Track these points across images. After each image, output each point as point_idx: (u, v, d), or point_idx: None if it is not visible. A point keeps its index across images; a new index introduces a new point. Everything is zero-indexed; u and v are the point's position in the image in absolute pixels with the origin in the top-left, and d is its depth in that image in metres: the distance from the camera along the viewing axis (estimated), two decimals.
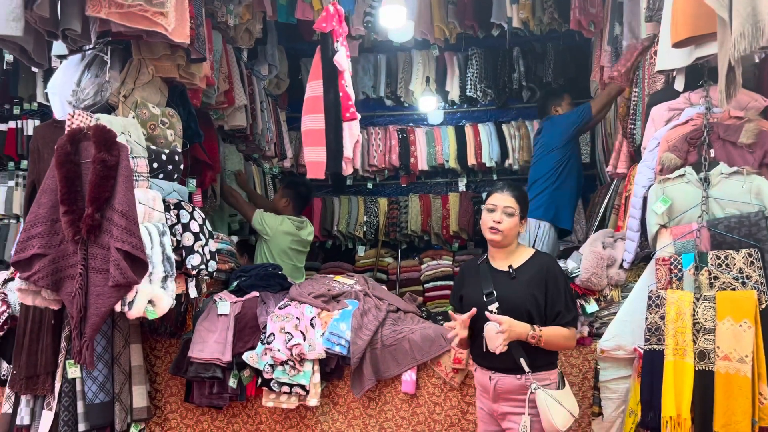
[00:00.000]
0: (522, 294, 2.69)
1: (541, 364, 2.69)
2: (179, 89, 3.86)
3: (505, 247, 2.81)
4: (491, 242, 2.81)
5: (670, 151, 3.16)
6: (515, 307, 2.68)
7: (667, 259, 3.05)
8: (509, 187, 2.82)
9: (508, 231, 2.75)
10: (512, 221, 2.76)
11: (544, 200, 4.51)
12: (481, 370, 2.78)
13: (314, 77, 3.78)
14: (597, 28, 5.00)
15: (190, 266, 3.34)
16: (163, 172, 3.51)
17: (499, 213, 2.76)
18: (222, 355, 3.46)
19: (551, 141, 4.61)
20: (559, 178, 4.53)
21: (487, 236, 2.80)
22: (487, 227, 2.79)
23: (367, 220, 6.21)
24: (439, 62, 6.14)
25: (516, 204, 2.78)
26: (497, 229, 2.75)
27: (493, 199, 2.80)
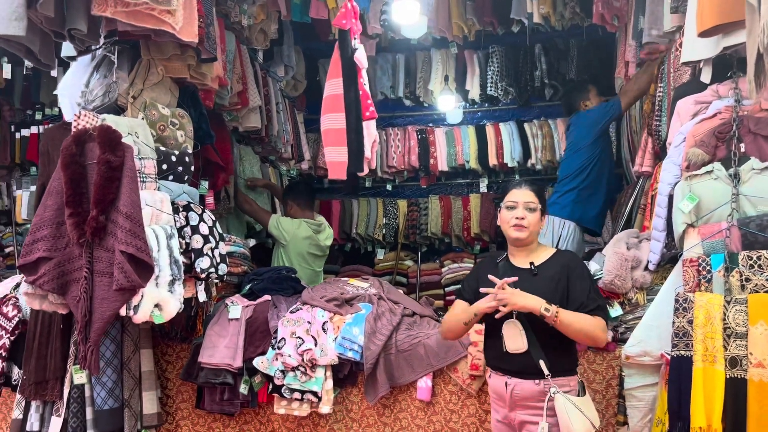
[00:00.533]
0: (544, 290, 2.57)
1: (560, 368, 2.57)
2: (190, 90, 3.80)
3: (528, 245, 2.70)
4: (515, 241, 2.71)
5: (697, 147, 3.01)
6: None
7: (695, 260, 2.90)
8: (527, 183, 2.73)
9: (533, 227, 2.67)
10: (535, 217, 2.67)
11: (570, 199, 4.35)
12: (496, 375, 2.65)
13: (333, 75, 3.67)
14: (621, 23, 4.83)
15: (199, 269, 3.27)
16: (173, 173, 3.45)
17: (521, 209, 2.67)
18: (232, 360, 3.38)
19: (579, 138, 4.44)
20: (588, 177, 4.35)
21: (511, 234, 2.70)
22: (509, 225, 2.69)
23: (387, 223, 6.10)
24: (458, 60, 6.01)
25: (536, 198, 2.69)
26: (522, 225, 2.65)
27: (513, 196, 2.70)
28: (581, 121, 4.49)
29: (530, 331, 2.54)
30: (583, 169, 4.36)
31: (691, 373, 2.74)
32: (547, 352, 2.52)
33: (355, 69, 3.74)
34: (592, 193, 4.37)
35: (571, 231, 4.28)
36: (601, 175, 4.42)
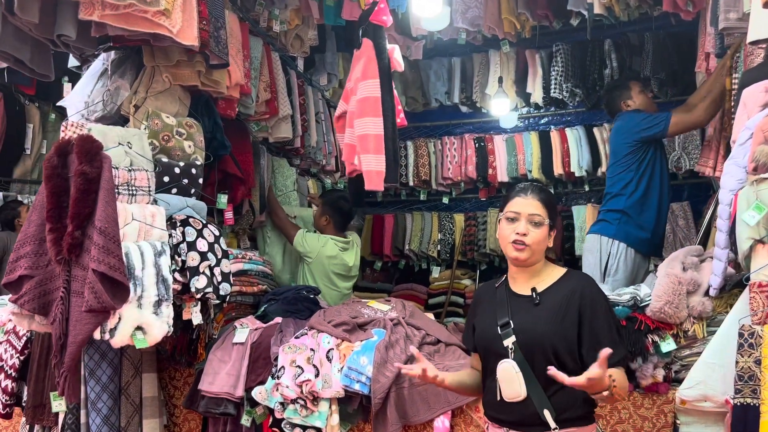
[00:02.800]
0: (546, 325, 2.09)
1: (572, 417, 2.07)
2: (204, 98, 3.60)
3: (531, 266, 2.20)
4: (515, 261, 2.20)
5: (767, 144, 2.44)
6: (537, 342, 2.08)
7: (764, 284, 2.37)
8: (533, 190, 2.20)
9: (536, 245, 2.14)
10: (540, 233, 2.15)
11: (615, 218, 3.76)
12: (493, 427, 2.19)
13: (369, 75, 3.35)
14: (696, 8, 4.20)
15: (194, 289, 3.02)
16: (177, 186, 3.24)
17: (523, 223, 2.15)
18: (234, 389, 3.10)
19: (618, 147, 3.84)
20: (634, 194, 3.72)
21: (510, 254, 2.19)
22: (508, 242, 2.17)
23: (442, 238, 5.68)
24: (519, 61, 5.52)
25: (543, 210, 2.17)
26: (523, 243, 2.14)
27: (514, 206, 2.19)
28: (619, 126, 3.89)
29: (530, 374, 2.07)
30: (627, 183, 3.74)
31: (759, 426, 2.22)
32: (554, 398, 2.04)
33: (389, 71, 3.43)
34: (639, 212, 3.72)
35: (622, 250, 3.67)
36: (650, 190, 3.74)
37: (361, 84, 3.40)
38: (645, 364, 2.66)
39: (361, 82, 3.38)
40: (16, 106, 5.83)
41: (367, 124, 3.24)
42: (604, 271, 3.71)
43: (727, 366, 2.53)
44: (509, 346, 2.11)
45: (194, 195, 3.35)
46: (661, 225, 3.84)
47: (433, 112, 5.92)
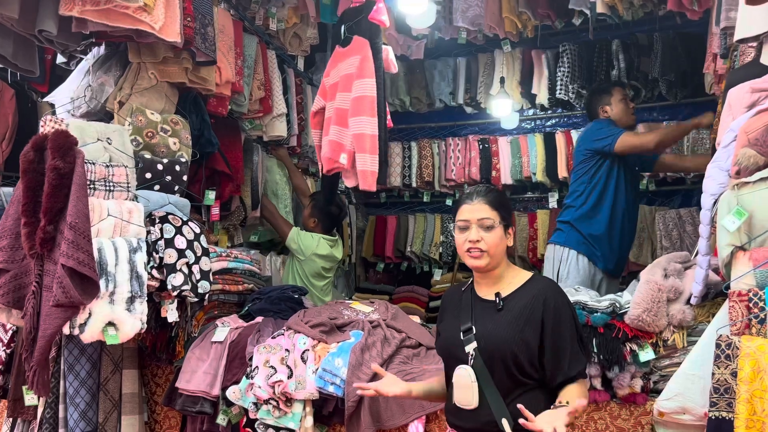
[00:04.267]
0: (507, 331, 2.02)
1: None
2: (192, 95, 3.60)
3: (492, 271, 2.14)
4: (475, 269, 2.15)
5: (750, 147, 2.33)
6: (497, 349, 2.02)
7: (744, 293, 2.26)
8: (479, 194, 2.14)
9: (492, 249, 2.08)
10: (494, 235, 2.08)
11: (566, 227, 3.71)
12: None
13: (366, 74, 3.31)
14: (702, 7, 4.07)
15: (170, 287, 3.01)
16: (160, 182, 3.24)
17: (474, 229, 2.08)
18: (210, 387, 3.08)
19: (576, 155, 3.78)
20: (584, 204, 3.66)
21: (468, 263, 2.13)
22: (463, 251, 2.12)
23: (444, 241, 5.59)
24: (524, 62, 5.41)
25: (493, 211, 2.10)
26: (478, 250, 2.08)
27: (462, 214, 2.13)
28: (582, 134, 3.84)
29: (489, 381, 2.00)
30: (579, 195, 3.66)
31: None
32: (513, 407, 1.94)
33: (383, 71, 3.39)
34: (587, 225, 3.62)
35: (573, 256, 3.59)
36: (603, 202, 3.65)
37: (356, 82, 3.35)
38: (622, 374, 2.56)
39: (358, 80, 3.34)
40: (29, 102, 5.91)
41: (363, 124, 3.20)
42: (556, 278, 3.66)
43: (707, 378, 2.40)
44: (470, 352, 2.05)
45: (178, 192, 3.34)
46: (614, 240, 3.72)
47: (437, 112, 5.83)
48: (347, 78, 3.27)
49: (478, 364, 2.03)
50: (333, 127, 3.30)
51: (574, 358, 2.01)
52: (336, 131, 3.29)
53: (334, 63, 3.50)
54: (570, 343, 2.02)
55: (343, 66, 3.34)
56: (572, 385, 2.00)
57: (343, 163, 3.25)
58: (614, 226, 3.68)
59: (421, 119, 5.94)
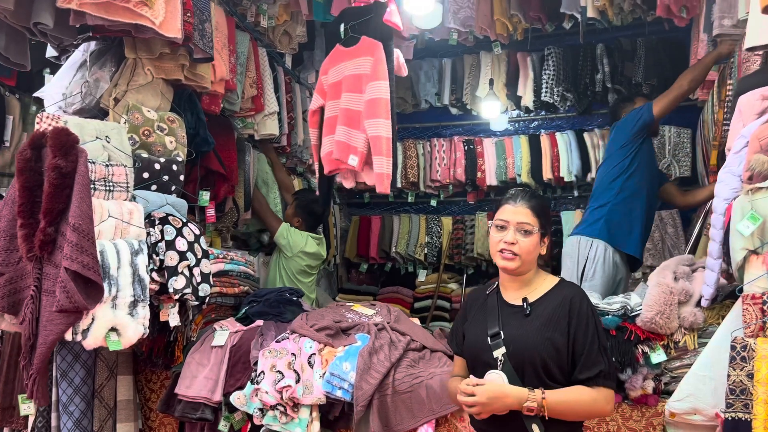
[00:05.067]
0: (536, 337, 2.03)
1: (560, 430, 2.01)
2: (187, 92, 3.50)
3: (521, 275, 2.14)
4: (503, 270, 2.16)
5: (763, 153, 2.38)
6: (527, 355, 2.03)
7: (758, 296, 2.31)
8: (523, 197, 2.14)
9: (525, 254, 2.09)
10: (530, 241, 2.09)
11: (598, 216, 3.72)
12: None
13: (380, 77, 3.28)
14: (690, 14, 4.16)
15: (172, 290, 2.91)
16: (157, 182, 3.14)
17: (511, 231, 2.09)
18: (211, 393, 3.00)
19: (609, 147, 3.84)
20: (620, 192, 3.69)
21: (499, 263, 2.14)
22: (496, 251, 2.12)
23: (429, 241, 5.59)
24: (510, 64, 5.45)
25: (534, 218, 2.10)
26: (511, 252, 2.08)
27: (503, 213, 2.13)
28: (613, 131, 3.89)
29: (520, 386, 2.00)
30: (613, 181, 3.71)
31: None
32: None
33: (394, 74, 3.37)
34: (627, 211, 3.68)
35: (601, 252, 3.61)
36: (639, 190, 3.71)
37: (371, 84, 3.32)
38: (634, 376, 2.59)
39: (373, 82, 3.31)
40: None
41: (379, 126, 3.17)
42: (581, 276, 3.68)
43: (718, 379, 2.48)
44: (499, 357, 2.05)
45: (175, 192, 3.25)
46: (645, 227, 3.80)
47: (422, 113, 5.83)
48: (356, 79, 3.22)
49: (507, 369, 2.03)
50: (341, 127, 3.25)
51: (587, 363, 2.01)
52: (344, 132, 3.24)
53: (335, 61, 3.45)
54: (587, 349, 2.02)
55: (348, 66, 3.30)
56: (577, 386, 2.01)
57: (353, 164, 3.21)
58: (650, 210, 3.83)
59: (407, 119, 5.92)
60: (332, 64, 3.46)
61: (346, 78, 3.29)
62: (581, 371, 2.01)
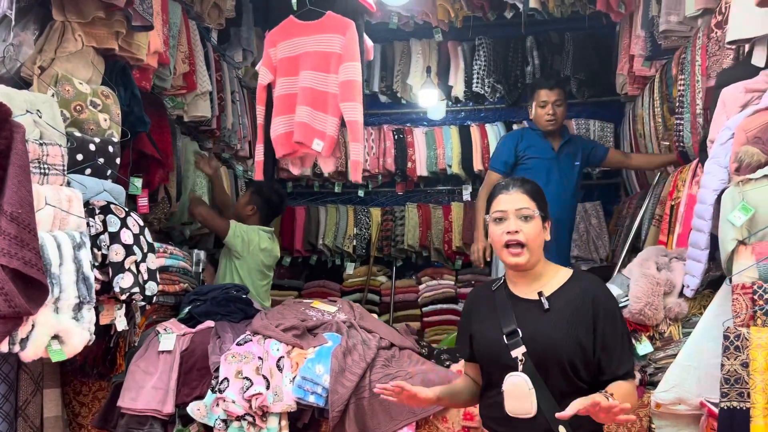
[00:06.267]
0: (560, 334, 1.90)
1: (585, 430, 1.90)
2: (120, 65, 3.08)
3: (532, 268, 2.00)
4: (515, 267, 2.00)
5: (751, 144, 2.41)
6: (551, 353, 1.90)
7: (748, 286, 2.31)
8: (516, 184, 2.02)
9: (531, 241, 1.95)
10: (533, 227, 1.96)
11: None
12: None
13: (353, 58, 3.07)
14: (628, 10, 4.25)
15: (118, 289, 2.54)
16: (92, 166, 2.72)
17: (512, 220, 1.95)
18: (161, 405, 2.68)
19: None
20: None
21: (506, 260, 1.98)
22: (500, 246, 1.97)
23: (358, 233, 5.40)
24: (441, 53, 5.37)
25: (531, 201, 1.98)
26: (519, 242, 1.94)
27: (499, 204, 1.99)
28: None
29: (543, 387, 1.88)
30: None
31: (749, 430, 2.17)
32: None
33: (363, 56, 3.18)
34: None
35: None
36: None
37: (346, 65, 3.09)
38: None
39: (347, 63, 3.08)
40: None
41: (356, 111, 3.00)
42: None
43: (702, 368, 2.50)
44: (518, 357, 1.91)
45: (110, 177, 2.84)
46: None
47: None
48: (322, 57, 2.97)
49: (528, 370, 1.90)
50: (303, 108, 2.98)
51: (622, 358, 1.94)
52: (308, 113, 2.98)
53: (288, 35, 3.15)
54: (620, 342, 1.95)
55: (308, 41, 3.03)
56: (621, 381, 1.93)
57: (317, 149, 2.95)
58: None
59: None
60: (284, 37, 3.17)
61: (307, 54, 3.03)
62: (618, 367, 1.90)
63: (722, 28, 2.86)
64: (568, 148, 4.02)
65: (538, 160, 3.98)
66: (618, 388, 1.86)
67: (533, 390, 1.87)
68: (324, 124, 2.98)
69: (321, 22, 3.03)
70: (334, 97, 2.97)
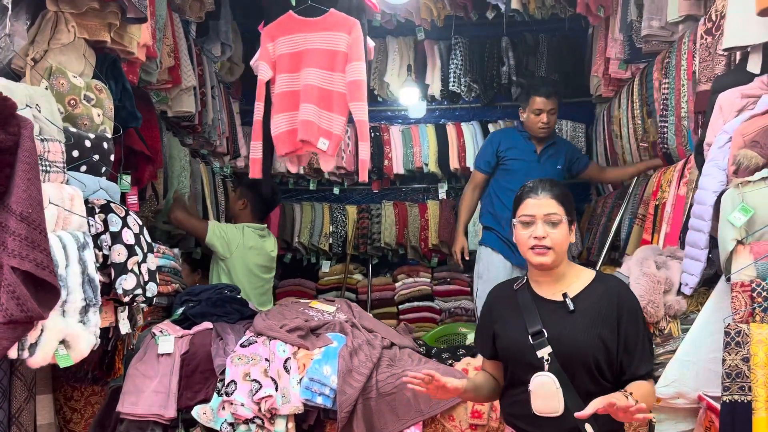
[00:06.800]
0: (586, 335, 1.95)
1: (612, 429, 1.97)
2: (110, 58, 2.97)
3: (555, 269, 2.05)
4: (539, 267, 2.03)
5: (749, 148, 2.50)
6: (577, 354, 1.95)
7: (747, 284, 2.39)
8: (544, 188, 2.05)
9: (559, 246, 2.00)
10: (560, 232, 2.00)
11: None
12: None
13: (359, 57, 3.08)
14: (606, 13, 4.35)
15: (121, 291, 2.45)
16: (87, 163, 2.62)
17: (540, 225, 1.99)
18: (164, 409, 2.60)
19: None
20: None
21: (532, 260, 2.02)
22: (527, 248, 2.01)
23: (334, 231, 5.36)
24: (418, 52, 5.38)
25: (559, 206, 2.02)
26: (544, 247, 1.98)
27: (527, 208, 2.03)
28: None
29: (569, 387, 1.93)
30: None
31: (750, 422, 2.26)
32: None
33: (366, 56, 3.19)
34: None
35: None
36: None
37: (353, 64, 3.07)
38: None
39: (355, 62, 3.06)
40: None
41: (364, 110, 2.99)
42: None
43: (700, 363, 2.58)
44: (544, 357, 1.95)
45: (104, 175, 2.74)
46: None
47: None
48: (328, 55, 2.93)
49: (554, 370, 1.95)
50: (308, 106, 2.93)
51: (643, 358, 2.01)
52: (315, 112, 2.93)
53: (288, 30, 3.10)
54: (642, 343, 2.01)
55: (312, 38, 2.99)
56: (641, 381, 1.99)
57: (323, 148, 2.92)
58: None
59: None
60: (284, 32, 3.11)
61: (311, 51, 2.98)
62: (639, 367, 1.97)
63: (713, 34, 2.97)
64: (551, 151, 4.10)
65: (518, 161, 4.06)
66: (638, 387, 1.93)
67: (560, 389, 1.91)
68: (330, 122, 2.95)
69: (324, 19, 2.99)
70: (340, 96, 2.95)
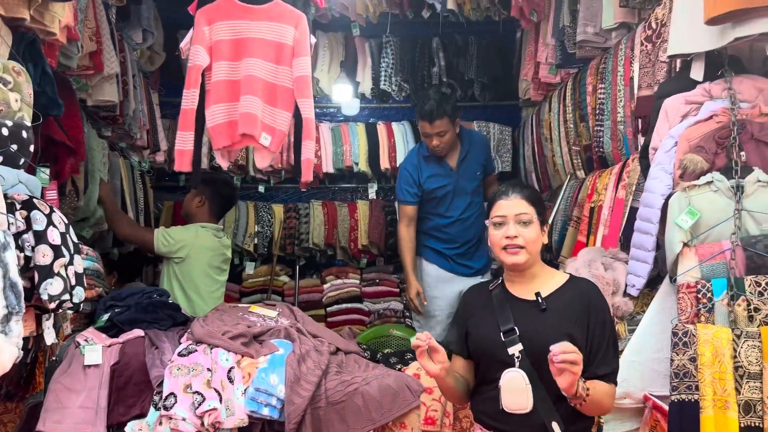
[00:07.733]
0: (556, 333, 1.98)
1: (579, 428, 2.03)
2: (28, 38, 2.68)
3: (528, 269, 2.11)
4: (513, 266, 2.10)
5: (695, 152, 2.58)
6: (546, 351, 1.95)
7: (692, 285, 2.48)
8: (515, 189, 2.14)
9: (530, 245, 2.07)
10: (532, 232, 2.08)
11: None
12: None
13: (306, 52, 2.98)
14: (539, 18, 4.42)
15: (46, 296, 2.19)
16: (4, 153, 2.34)
17: (511, 225, 2.06)
18: (92, 426, 2.38)
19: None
20: None
21: (506, 260, 2.09)
22: (500, 248, 2.08)
23: (260, 231, 5.15)
24: (348, 48, 5.27)
25: (530, 207, 2.10)
26: (517, 246, 2.05)
27: (499, 209, 2.10)
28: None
29: (538, 383, 1.96)
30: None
31: (698, 421, 2.32)
32: (562, 409, 1.96)
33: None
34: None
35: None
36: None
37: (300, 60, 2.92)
38: None
39: (301, 57, 2.92)
40: None
41: (311, 107, 2.87)
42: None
43: (645, 363, 2.63)
44: (515, 354, 1.99)
45: (22, 167, 2.46)
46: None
47: None
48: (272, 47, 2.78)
49: (525, 367, 1.98)
50: (250, 98, 2.75)
51: (606, 359, 2.07)
52: (257, 105, 2.75)
53: (228, 15, 2.89)
54: (606, 345, 2.07)
55: (253, 26, 2.81)
56: (600, 381, 2.04)
57: (265, 144, 2.75)
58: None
59: None
60: (223, 17, 2.90)
61: (254, 41, 2.81)
62: (599, 367, 2.03)
63: (653, 42, 3.05)
64: (466, 162, 4.14)
65: (440, 189, 4.09)
66: (595, 384, 1.98)
67: (530, 386, 1.95)
68: (274, 118, 2.80)
69: (269, 8, 2.83)
70: (286, 90, 2.81)
